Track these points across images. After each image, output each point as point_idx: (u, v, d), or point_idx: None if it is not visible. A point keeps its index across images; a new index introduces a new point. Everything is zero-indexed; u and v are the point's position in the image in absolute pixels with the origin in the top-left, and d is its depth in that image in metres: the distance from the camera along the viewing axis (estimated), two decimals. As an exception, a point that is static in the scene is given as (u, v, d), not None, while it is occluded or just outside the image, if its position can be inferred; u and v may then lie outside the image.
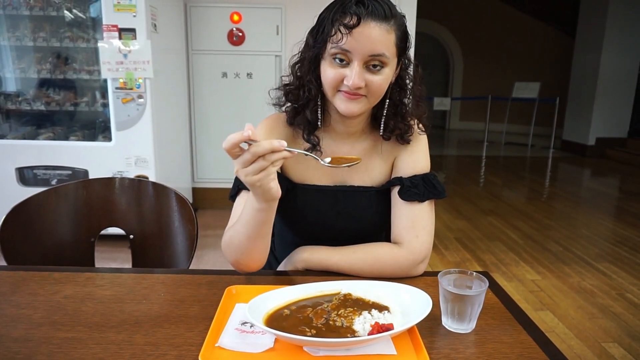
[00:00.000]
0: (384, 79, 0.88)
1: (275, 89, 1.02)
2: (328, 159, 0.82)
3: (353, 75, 0.85)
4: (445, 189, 0.98)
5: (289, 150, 0.71)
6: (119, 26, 2.57)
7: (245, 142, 0.70)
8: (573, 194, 4.79)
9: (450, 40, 9.22)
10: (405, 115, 0.98)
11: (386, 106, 0.96)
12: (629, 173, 5.73)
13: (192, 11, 3.39)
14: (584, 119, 6.63)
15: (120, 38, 2.58)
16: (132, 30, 2.58)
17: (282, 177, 0.99)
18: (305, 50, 0.95)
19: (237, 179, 0.98)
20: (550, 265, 2.77)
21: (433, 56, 9.48)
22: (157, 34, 2.77)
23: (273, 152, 0.70)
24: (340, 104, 0.90)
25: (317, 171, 1.00)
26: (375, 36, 0.84)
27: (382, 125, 0.98)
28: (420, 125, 1.02)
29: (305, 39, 0.95)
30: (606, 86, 6.35)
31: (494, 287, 0.89)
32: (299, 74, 0.97)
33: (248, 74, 3.52)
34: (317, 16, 0.92)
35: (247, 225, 0.84)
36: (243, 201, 0.94)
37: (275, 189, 0.77)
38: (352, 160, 0.82)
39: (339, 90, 0.89)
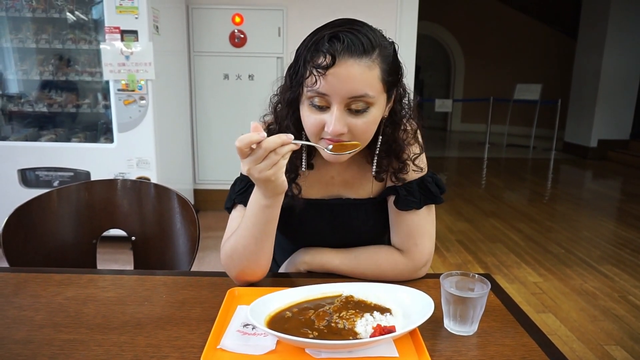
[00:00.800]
0: (369, 121, 0.80)
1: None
2: (330, 146, 0.81)
3: (333, 121, 0.77)
4: (444, 189, 0.95)
5: (294, 143, 0.73)
6: (121, 28, 2.58)
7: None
8: (575, 196, 4.78)
9: (451, 42, 9.22)
10: (399, 153, 0.91)
11: (379, 144, 0.89)
12: (631, 175, 5.72)
13: (193, 13, 3.40)
14: (586, 121, 6.62)
15: (122, 40, 2.59)
16: (134, 32, 2.59)
17: None
18: (284, 91, 0.87)
19: (232, 191, 0.97)
20: (552, 267, 2.76)
21: (434, 58, 9.49)
22: (159, 35, 2.77)
23: (282, 145, 0.71)
24: (325, 152, 0.82)
25: (311, 186, 0.96)
26: (354, 75, 0.75)
27: (374, 165, 0.91)
28: (418, 162, 0.93)
29: (284, 77, 0.87)
30: (608, 88, 6.34)
31: (496, 289, 0.89)
32: (278, 117, 0.90)
33: (250, 76, 3.52)
34: (295, 50, 0.83)
35: (253, 227, 0.83)
36: (239, 214, 0.93)
37: (285, 181, 0.78)
38: (353, 147, 0.81)
39: (322, 138, 0.82)
